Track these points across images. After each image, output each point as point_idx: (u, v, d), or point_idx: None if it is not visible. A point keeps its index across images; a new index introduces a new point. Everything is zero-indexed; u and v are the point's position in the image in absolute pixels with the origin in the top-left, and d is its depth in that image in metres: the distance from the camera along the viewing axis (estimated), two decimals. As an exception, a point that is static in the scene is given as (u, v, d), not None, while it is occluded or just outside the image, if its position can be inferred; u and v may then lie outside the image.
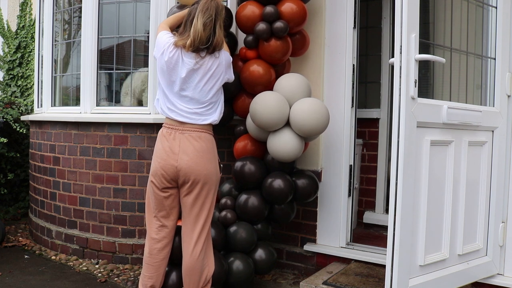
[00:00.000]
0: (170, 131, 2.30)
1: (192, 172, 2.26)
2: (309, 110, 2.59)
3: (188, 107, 2.29)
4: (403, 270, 2.10)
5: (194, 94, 2.28)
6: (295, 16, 2.76)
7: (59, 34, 3.96)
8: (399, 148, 2.07)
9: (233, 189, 2.92)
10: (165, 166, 2.28)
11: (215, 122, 2.36)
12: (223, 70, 2.33)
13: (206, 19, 2.22)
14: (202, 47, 2.23)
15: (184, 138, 2.28)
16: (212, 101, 2.33)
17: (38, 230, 3.81)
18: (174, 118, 2.30)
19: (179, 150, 2.26)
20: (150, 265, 2.40)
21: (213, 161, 2.34)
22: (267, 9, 2.74)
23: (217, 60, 2.30)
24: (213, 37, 2.23)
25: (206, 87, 2.29)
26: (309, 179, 2.84)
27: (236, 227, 2.71)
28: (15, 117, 4.24)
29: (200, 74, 2.27)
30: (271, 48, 2.76)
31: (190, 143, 2.27)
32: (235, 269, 2.62)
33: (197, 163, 2.26)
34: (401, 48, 2.05)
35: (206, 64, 2.27)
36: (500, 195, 2.52)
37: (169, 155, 2.27)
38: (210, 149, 2.33)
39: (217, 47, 2.27)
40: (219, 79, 2.33)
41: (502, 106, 2.54)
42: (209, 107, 2.33)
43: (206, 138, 2.31)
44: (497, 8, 2.51)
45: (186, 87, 2.28)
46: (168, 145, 2.28)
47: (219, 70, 2.31)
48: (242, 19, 2.82)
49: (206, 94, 2.30)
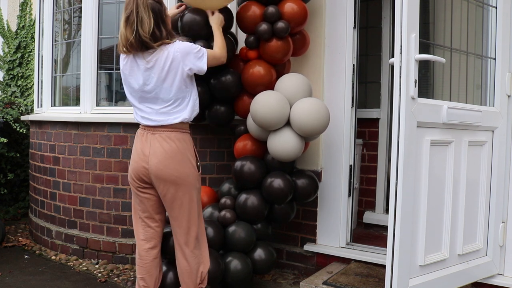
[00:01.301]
0: (143, 132, 2.28)
1: (161, 174, 2.20)
2: (309, 110, 2.59)
3: (155, 108, 2.23)
4: (403, 270, 2.10)
5: (156, 93, 2.20)
6: (296, 16, 2.76)
7: (59, 34, 3.97)
8: (399, 148, 2.07)
9: (232, 188, 2.92)
10: (137, 168, 2.25)
11: (186, 120, 2.26)
12: (179, 62, 2.17)
13: (127, 14, 2.11)
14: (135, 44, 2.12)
15: (154, 139, 2.22)
16: (177, 97, 2.22)
17: (38, 230, 3.81)
18: (146, 124, 2.26)
19: (149, 152, 2.22)
20: (140, 266, 2.38)
21: (185, 161, 2.24)
22: (268, 9, 2.74)
23: (166, 53, 2.16)
24: (139, 30, 2.09)
25: (166, 84, 2.18)
26: (309, 179, 2.84)
27: (235, 227, 2.71)
28: (15, 117, 4.24)
29: (155, 71, 2.17)
30: (272, 48, 2.76)
31: (160, 145, 2.21)
32: (232, 268, 2.61)
33: (166, 165, 2.19)
34: (401, 48, 2.05)
35: (154, 60, 2.16)
36: (500, 195, 2.52)
37: (140, 157, 2.24)
38: (182, 149, 2.23)
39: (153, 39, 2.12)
40: (178, 73, 2.18)
41: (502, 106, 2.54)
42: (175, 104, 2.23)
43: (176, 138, 2.23)
44: (497, 8, 2.51)
45: (148, 89, 2.21)
46: (140, 147, 2.25)
47: (174, 64, 2.17)
48: (243, 19, 2.81)
49: (168, 91, 2.20)
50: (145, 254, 2.36)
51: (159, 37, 2.15)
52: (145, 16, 2.10)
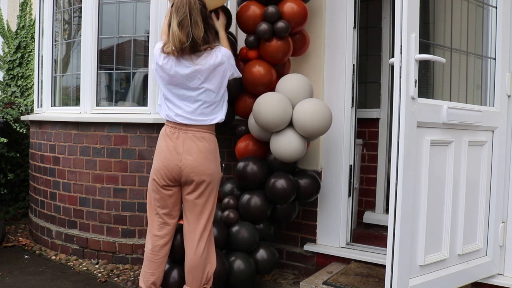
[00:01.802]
0: (174, 130, 2.31)
1: (196, 172, 2.28)
2: (312, 111, 2.59)
3: (194, 107, 2.29)
4: (403, 270, 2.10)
5: (200, 94, 2.28)
6: (296, 16, 2.76)
7: (59, 34, 3.96)
8: (399, 148, 2.07)
9: (235, 189, 2.92)
10: (169, 165, 2.29)
11: (222, 120, 2.36)
12: (225, 67, 2.30)
13: (181, 18, 2.17)
14: (188, 47, 2.20)
15: (188, 138, 2.29)
16: (216, 100, 2.32)
17: (38, 230, 3.81)
18: (180, 122, 2.30)
19: (183, 150, 2.28)
20: (152, 261, 2.41)
21: (216, 161, 2.36)
22: (269, 9, 2.74)
23: (215, 57, 2.26)
24: (194, 34, 2.18)
25: (211, 86, 2.28)
26: (311, 178, 2.85)
27: (239, 227, 2.71)
28: (15, 117, 4.24)
29: (202, 73, 2.25)
30: (272, 48, 2.76)
31: (194, 143, 2.29)
32: (236, 268, 2.62)
33: (201, 164, 2.28)
34: (401, 48, 2.05)
35: (204, 63, 2.25)
36: (500, 195, 2.52)
37: (173, 155, 2.28)
38: (213, 150, 2.35)
39: (203, 43, 2.23)
40: (223, 76, 2.31)
41: (502, 106, 2.54)
42: (213, 106, 2.32)
43: (209, 139, 2.33)
44: (497, 8, 2.51)
45: (189, 89, 2.28)
46: (172, 145, 2.29)
47: (221, 67, 2.29)
48: (243, 19, 2.82)
49: (211, 93, 2.29)
50: (158, 250, 2.41)
51: (208, 41, 2.25)
52: (198, 20, 2.19)
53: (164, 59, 2.27)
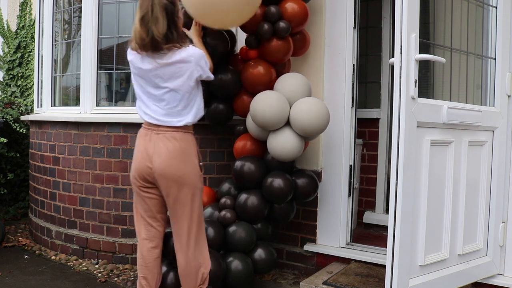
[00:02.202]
0: (146, 132, 2.27)
1: (165, 174, 2.20)
2: (309, 110, 2.59)
3: (160, 108, 2.22)
4: (403, 270, 2.10)
5: (164, 94, 2.20)
6: (297, 16, 2.76)
7: (59, 34, 3.96)
8: (399, 148, 2.07)
9: (232, 188, 2.91)
10: (141, 167, 2.25)
11: (190, 123, 2.26)
12: (191, 67, 2.17)
13: (143, 13, 2.08)
14: (149, 44, 2.10)
15: (158, 139, 2.22)
16: (182, 101, 2.22)
17: (38, 230, 3.81)
18: (148, 121, 2.25)
19: (153, 152, 2.21)
20: (143, 266, 2.38)
21: (189, 161, 2.25)
22: (269, 9, 2.73)
23: (179, 56, 2.15)
24: (153, 31, 2.07)
25: (175, 86, 2.18)
26: (308, 178, 2.84)
27: (235, 227, 2.71)
28: (15, 117, 4.24)
29: (162, 73, 2.17)
30: (273, 48, 2.76)
31: (164, 144, 2.21)
32: (233, 268, 2.61)
33: (170, 165, 2.19)
34: (401, 48, 2.05)
35: (170, 61, 2.15)
36: (500, 195, 2.52)
37: (144, 157, 2.24)
38: (186, 149, 2.24)
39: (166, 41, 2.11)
40: (189, 77, 2.18)
41: (502, 106, 2.54)
42: (179, 107, 2.22)
43: (181, 138, 2.23)
44: (497, 8, 2.51)
45: (154, 87, 2.21)
46: (144, 146, 2.25)
47: (187, 67, 2.17)
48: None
49: (175, 94, 2.20)
50: (147, 253, 2.37)
51: (171, 39, 2.13)
52: (160, 16, 2.08)
53: (131, 54, 2.22)
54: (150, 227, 2.37)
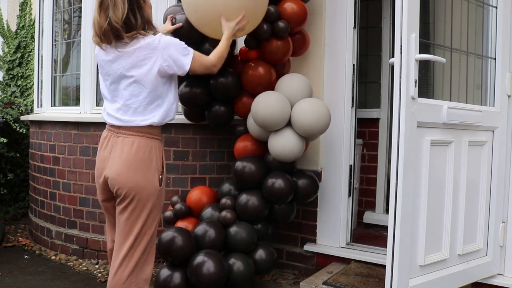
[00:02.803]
0: (107, 133, 2.05)
1: (116, 183, 1.96)
2: (310, 110, 2.59)
3: (123, 105, 1.99)
4: (403, 270, 2.10)
5: (124, 87, 1.98)
6: (296, 16, 2.76)
7: (59, 34, 3.97)
8: (399, 148, 2.07)
9: (233, 189, 2.91)
10: (98, 174, 2.06)
11: (155, 124, 2.01)
12: (158, 54, 1.93)
13: (99, 2, 1.89)
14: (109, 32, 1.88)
15: (116, 143, 1.98)
16: (150, 95, 1.98)
17: (38, 230, 3.81)
18: (110, 122, 2.03)
19: (109, 157, 1.99)
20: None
21: (144, 171, 1.97)
22: (268, 9, 2.73)
23: (144, 43, 1.92)
24: (111, 17, 1.85)
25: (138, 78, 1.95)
26: (309, 179, 2.84)
27: (236, 228, 2.71)
28: (15, 117, 4.24)
29: (124, 61, 1.94)
30: (272, 48, 2.76)
31: (120, 150, 1.97)
32: (235, 269, 2.61)
33: (121, 174, 1.94)
34: (401, 48, 2.05)
35: (132, 49, 1.92)
36: (500, 195, 2.52)
37: (101, 162, 2.03)
38: (142, 158, 1.97)
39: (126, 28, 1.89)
40: (154, 66, 1.94)
41: (502, 106, 2.54)
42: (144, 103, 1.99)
43: (140, 145, 1.97)
44: (497, 8, 2.51)
45: (115, 81, 1.99)
46: (102, 151, 2.04)
47: (152, 55, 1.93)
48: None
49: (138, 87, 1.96)
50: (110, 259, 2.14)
51: (133, 25, 1.91)
52: (119, 1, 1.86)
53: (96, 49, 2.02)
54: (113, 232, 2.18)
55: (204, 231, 2.64)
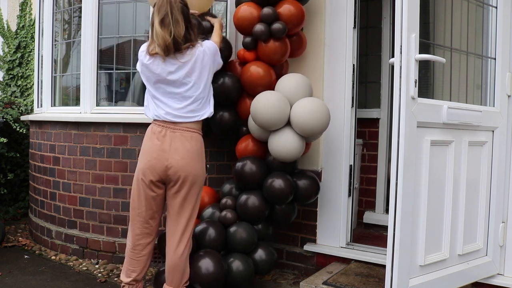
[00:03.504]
0: (161, 129, 2.32)
1: (182, 171, 2.29)
2: (309, 110, 2.59)
3: (182, 105, 2.31)
4: (403, 270, 2.10)
5: (185, 91, 2.30)
6: (293, 17, 2.77)
7: (59, 34, 3.96)
8: (399, 148, 2.07)
9: (233, 189, 2.92)
10: (156, 164, 2.30)
11: (211, 114, 2.41)
12: (208, 61, 2.34)
13: (162, 16, 2.20)
14: (171, 45, 2.21)
15: (175, 137, 2.30)
16: (203, 94, 2.35)
17: (38, 230, 3.81)
18: (169, 120, 2.32)
19: (170, 149, 2.29)
20: (133, 259, 2.44)
21: (202, 162, 2.38)
22: (265, 10, 2.74)
23: (198, 52, 2.29)
24: (175, 33, 2.20)
25: (197, 82, 2.31)
26: (310, 179, 2.84)
27: (236, 227, 2.71)
28: (15, 117, 4.24)
29: (184, 70, 2.27)
30: (270, 49, 2.76)
31: (182, 143, 2.30)
32: (235, 269, 2.61)
33: (188, 163, 2.29)
34: (401, 48, 2.05)
35: (191, 58, 2.28)
36: (500, 195, 2.52)
37: (160, 154, 2.29)
38: (199, 150, 2.37)
39: (185, 41, 2.24)
40: (208, 70, 2.35)
41: (502, 106, 2.54)
42: (200, 101, 2.34)
43: (196, 139, 2.35)
44: (497, 8, 2.51)
45: (176, 86, 2.30)
46: (159, 143, 2.30)
47: (206, 61, 2.32)
48: (240, 20, 2.82)
49: (197, 89, 2.31)
50: (141, 249, 2.43)
51: (189, 39, 2.27)
52: (179, 18, 2.22)
53: (149, 59, 2.29)
54: (146, 224, 2.42)
55: (204, 230, 2.65)
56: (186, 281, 2.43)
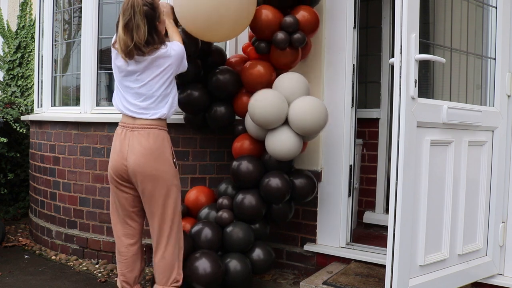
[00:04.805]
0: (122, 129, 2.34)
1: (138, 171, 2.27)
2: (307, 108, 2.58)
3: (138, 102, 2.30)
4: (403, 270, 2.10)
5: (143, 89, 2.29)
6: (308, 24, 2.73)
7: (59, 34, 3.97)
8: (399, 148, 2.07)
9: (230, 188, 2.90)
10: (116, 165, 2.32)
11: (164, 116, 2.34)
12: (171, 63, 2.30)
13: (126, 21, 2.18)
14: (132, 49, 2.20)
15: (133, 136, 2.29)
16: (161, 94, 2.31)
17: (38, 230, 3.81)
18: (127, 114, 2.32)
19: (127, 149, 2.28)
20: (121, 262, 2.44)
21: (162, 158, 2.30)
22: (287, 19, 2.67)
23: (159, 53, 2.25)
24: (135, 38, 2.18)
25: (153, 82, 2.28)
26: (307, 178, 2.84)
27: (233, 227, 2.70)
28: (15, 117, 4.24)
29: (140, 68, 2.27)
30: (283, 56, 2.75)
31: (138, 142, 2.27)
32: (232, 269, 2.61)
33: (144, 162, 2.26)
34: (401, 48, 2.05)
35: (149, 61, 2.26)
36: (500, 195, 2.52)
37: (119, 155, 2.31)
38: (159, 146, 2.30)
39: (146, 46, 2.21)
40: (167, 73, 2.30)
41: (502, 106, 2.54)
42: (157, 100, 2.31)
43: (155, 135, 2.30)
44: (497, 8, 2.51)
45: (132, 81, 2.30)
46: (119, 144, 2.32)
47: (165, 64, 2.28)
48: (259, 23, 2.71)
49: (154, 89, 2.29)
50: (125, 250, 2.43)
51: (152, 44, 2.23)
52: (141, 23, 2.18)
53: (115, 54, 2.34)
54: (126, 225, 2.43)
55: (200, 231, 2.65)
56: (175, 280, 2.40)
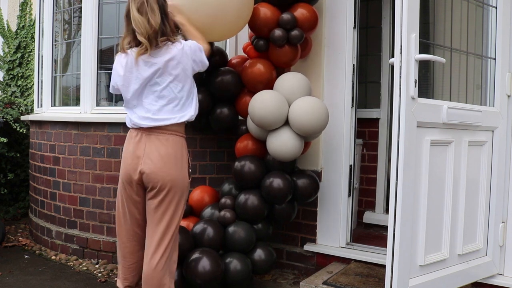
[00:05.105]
0: (137, 132, 2.19)
1: (155, 177, 2.14)
2: (307, 109, 2.58)
3: (158, 106, 2.15)
4: (403, 270, 2.10)
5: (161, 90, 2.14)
6: (307, 21, 2.74)
7: (59, 34, 3.97)
8: (399, 148, 2.07)
9: (233, 188, 2.92)
10: (130, 170, 2.18)
11: (192, 118, 2.22)
12: (189, 59, 2.15)
13: (138, 5, 2.06)
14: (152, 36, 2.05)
15: (149, 141, 2.15)
16: (181, 95, 2.17)
17: (38, 230, 3.81)
18: (145, 124, 2.15)
19: (143, 154, 2.14)
20: (124, 267, 2.34)
21: (179, 165, 2.18)
22: (285, 16, 2.69)
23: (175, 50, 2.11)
24: (152, 22, 2.05)
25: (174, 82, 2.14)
26: (309, 178, 2.84)
27: (235, 227, 2.70)
28: (15, 117, 4.24)
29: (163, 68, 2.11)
30: (282, 54, 2.75)
31: (156, 147, 2.14)
32: (232, 269, 2.61)
33: (161, 169, 2.13)
34: (401, 48, 2.05)
35: (166, 56, 2.10)
36: (500, 195, 2.52)
37: (133, 159, 2.16)
38: (178, 153, 2.18)
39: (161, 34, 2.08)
40: (187, 70, 2.16)
41: (502, 106, 2.54)
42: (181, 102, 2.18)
43: (174, 141, 2.17)
44: (497, 8, 2.51)
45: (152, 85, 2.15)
46: (133, 149, 2.18)
47: (184, 61, 2.13)
48: (257, 21, 2.73)
49: (175, 89, 2.15)
50: (129, 257, 2.32)
51: (165, 32, 2.11)
52: (155, 6, 2.08)
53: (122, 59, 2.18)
54: (132, 232, 2.30)
55: (202, 230, 2.65)
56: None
